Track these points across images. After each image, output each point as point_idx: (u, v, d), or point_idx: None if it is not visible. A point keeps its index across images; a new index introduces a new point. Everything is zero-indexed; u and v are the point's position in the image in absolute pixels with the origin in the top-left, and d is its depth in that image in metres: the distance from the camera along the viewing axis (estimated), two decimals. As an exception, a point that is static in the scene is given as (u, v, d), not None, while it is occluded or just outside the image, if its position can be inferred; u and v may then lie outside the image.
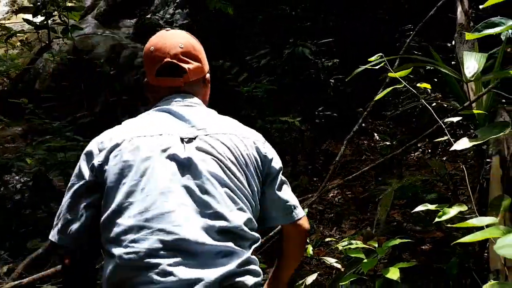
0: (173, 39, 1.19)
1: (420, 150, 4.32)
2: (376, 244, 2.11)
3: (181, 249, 0.96)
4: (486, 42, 2.97)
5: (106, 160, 1.06)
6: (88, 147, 1.12)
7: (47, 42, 3.45)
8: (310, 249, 2.20)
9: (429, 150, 4.26)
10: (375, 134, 5.01)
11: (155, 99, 1.23)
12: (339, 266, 2.15)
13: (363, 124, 5.30)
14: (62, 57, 6.26)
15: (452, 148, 1.69)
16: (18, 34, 3.77)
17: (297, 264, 1.42)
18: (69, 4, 3.34)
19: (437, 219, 1.61)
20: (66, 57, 5.59)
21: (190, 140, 1.07)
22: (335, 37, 4.29)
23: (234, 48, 9.04)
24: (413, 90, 1.95)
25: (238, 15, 9.82)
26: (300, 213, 1.25)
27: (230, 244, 1.01)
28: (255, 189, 1.13)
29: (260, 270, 1.08)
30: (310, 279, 2.18)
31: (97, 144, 1.10)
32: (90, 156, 1.09)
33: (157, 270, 0.93)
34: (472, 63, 2.15)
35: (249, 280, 1.02)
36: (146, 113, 1.19)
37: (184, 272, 0.93)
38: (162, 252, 0.95)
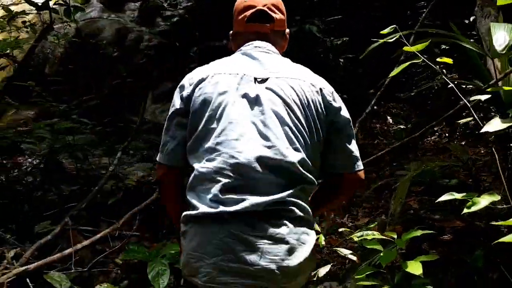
0: None
1: (437, 133, 4.09)
2: (395, 235, 1.94)
3: (239, 172, 1.12)
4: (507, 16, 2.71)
5: (192, 92, 1.24)
6: (182, 81, 1.30)
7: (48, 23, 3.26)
8: (322, 238, 2.04)
9: (447, 134, 4.03)
10: (388, 117, 4.77)
11: (240, 45, 1.34)
12: (354, 258, 1.99)
13: (375, 107, 5.06)
14: (67, 40, 6.09)
15: (483, 130, 1.49)
16: (20, 16, 3.57)
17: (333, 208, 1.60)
18: None
19: (466, 210, 1.43)
20: (70, 40, 5.41)
21: (263, 80, 1.20)
22: (344, 13, 4.02)
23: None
24: (433, 66, 1.75)
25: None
26: (361, 165, 1.34)
27: (281, 178, 1.14)
28: (316, 132, 1.21)
29: (308, 208, 1.19)
30: (323, 270, 2.02)
31: (188, 79, 1.28)
32: (182, 88, 1.28)
33: (216, 185, 1.12)
34: (501, 35, 1.91)
35: (294, 212, 1.13)
36: (231, 56, 1.33)
37: (235, 191, 1.11)
38: (224, 171, 1.13)
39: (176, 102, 1.28)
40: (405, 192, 2.26)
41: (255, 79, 1.20)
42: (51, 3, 3.07)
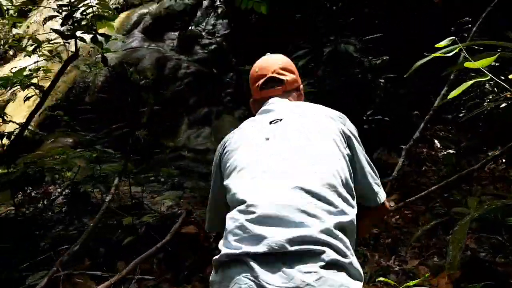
0: (273, 60, 1.42)
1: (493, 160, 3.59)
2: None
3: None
4: None
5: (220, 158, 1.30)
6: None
7: (75, 51, 3.18)
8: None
9: (503, 160, 3.53)
10: (436, 141, 4.30)
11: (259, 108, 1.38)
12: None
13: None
14: (108, 69, 6.14)
15: None
16: (50, 43, 3.55)
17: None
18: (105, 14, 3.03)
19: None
20: (101, 69, 5.42)
21: (277, 121, 1.21)
22: (383, 32, 3.70)
23: (273, 51, 8.61)
24: (503, 84, 1.39)
25: (274, 17, 9.46)
26: (383, 195, 1.29)
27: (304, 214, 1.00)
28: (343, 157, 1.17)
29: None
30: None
31: (218, 149, 1.34)
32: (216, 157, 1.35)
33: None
34: None
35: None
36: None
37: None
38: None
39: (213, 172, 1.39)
40: (464, 236, 1.85)
41: (270, 122, 1.23)
42: (79, 32, 2.97)
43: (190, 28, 10.23)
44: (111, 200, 2.81)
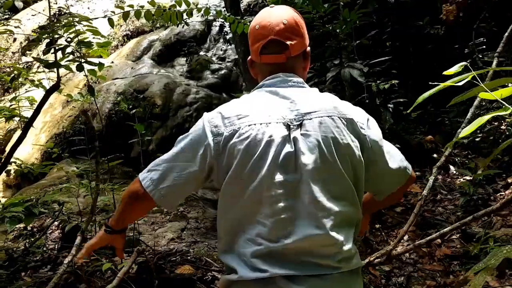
0: (277, 16, 1.19)
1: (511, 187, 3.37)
2: None
3: None
4: None
5: (225, 143, 1.14)
6: (208, 118, 1.23)
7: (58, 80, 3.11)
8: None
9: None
10: (451, 167, 4.10)
11: (260, 76, 1.27)
12: None
13: (435, 155, 4.42)
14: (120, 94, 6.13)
15: None
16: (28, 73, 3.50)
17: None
18: (97, 41, 2.99)
19: None
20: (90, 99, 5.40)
21: (296, 126, 1.10)
22: (391, 55, 3.57)
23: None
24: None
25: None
26: (410, 168, 1.29)
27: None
28: (354, 169, 1.15)
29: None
30: None
31: (221, 120, 1.18)
32: (212, 128, 1.20)
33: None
34: None
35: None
36: (256, 93, 1.22)
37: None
38: None
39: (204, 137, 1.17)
40: (484, 278, 1.66)
41: (288, 125, 1.11)
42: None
43: (200, 53, 10.35)
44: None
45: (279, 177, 1.07)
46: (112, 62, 9.97)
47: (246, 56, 5.83)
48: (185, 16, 2.93)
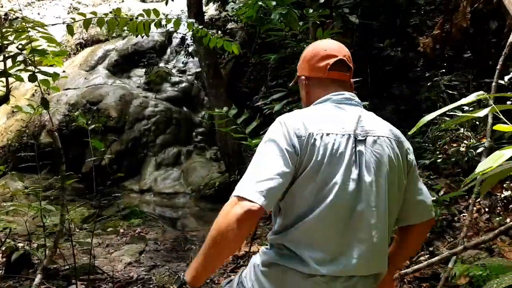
0: (342, 45, 1.38)
1: (475, 208, 3.52)
2: None
3: None
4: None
5: (302, 145, 1.19)
6: (283, 125, 1.22)
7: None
8: None
9: (486, 209, 3.46)
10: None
11: (318, 91, 1.34)
12: None
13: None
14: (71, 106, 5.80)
15: None
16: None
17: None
18: (52, 49, 2.79)
19: None
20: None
21: (361, 140, 1.21)
22: (363, 76, 3.63)
23: (246, 96, 8.57)
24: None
25: (247, 59, 9.53)
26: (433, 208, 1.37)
27: None
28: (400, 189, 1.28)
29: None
30: None
31: (293, 129, 1.21)
32: (287, 135, 1.23)
33: None
34: None
35: None
36: (324, 105, 1.30)
37: None
38: None
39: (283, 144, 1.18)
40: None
41: (356, 138, 1.21)
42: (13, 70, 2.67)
43: (159, 65, 10.12)
44: (51, 262, 2.43)
45: (345, 184, 1.16)
46: (64, 71, 9.50)
47: (211, 70, 5.67)
48: (153, 27, 2.81)
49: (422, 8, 6.43)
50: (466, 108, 4.55)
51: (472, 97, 0.94)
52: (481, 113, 0.89)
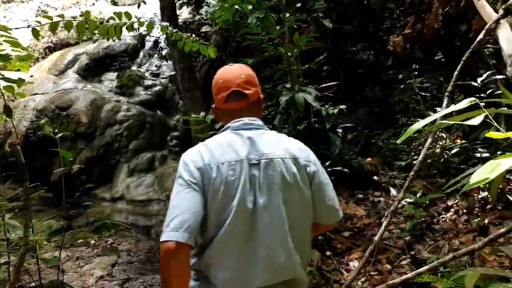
0: (237, 72, 1.46)
1: (453, 209, 3.51)
2: None
3: None
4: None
5: (201, 176, 1.29)
6: (184, 162, 1.34)
7: None
8: None
9: (464, 210, 3.46)
10: (391, 189, 4.19)
11: (224, 119, 1.46)
12: None
13: (375, 177, 4.52)
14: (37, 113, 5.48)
15: None
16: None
17: None
18: (17, 53, 2.58)
19: None
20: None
21: (255, 164, 1.30)
22: (338, 80, 3.58)
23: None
24: None
25: (223, 62, 9.39)
26: (341, 214, 1.47)
27: None
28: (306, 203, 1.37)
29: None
30: None
31: (192, 162, 1.32)
32: (187, 168, 1.33)
33: None
34: None
35: None
36: (224, 134, 1.41)
37: None
38: None
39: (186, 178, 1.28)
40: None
41: (249, 163, 1.29)
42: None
43: (132, 68, 9.81)
44: (17, 280, 2.22)
45: (243, 207, 1.24)
46: (32, 76, 9.06)
47: (185, 73, 5.50)
48: (124, 30, 2.64)
49: (394, 12, 6.49)
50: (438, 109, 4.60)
51: (464, 103, 0.86)
52: (475, 121, 0.80)
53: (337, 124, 3.27)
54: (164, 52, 8.68)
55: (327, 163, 3.29)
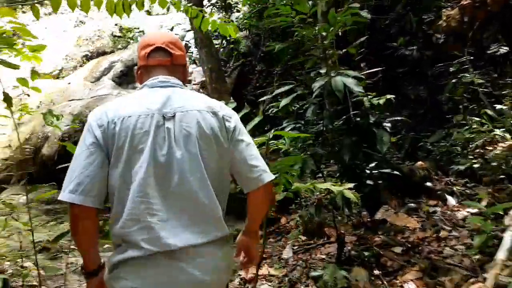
0: (164, 33, 1.58)
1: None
2: None
3: None
4: None
5: (104, 132, 1.24)
6: (88, 121, 1.28)
7: None
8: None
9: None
10: (449, 198, 3.53)
11: (145, 79, 1.38)
12: None
13: (429, 183, 3.86)
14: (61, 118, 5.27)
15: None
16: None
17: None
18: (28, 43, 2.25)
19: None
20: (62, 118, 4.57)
21: (170, 118, 1.25)
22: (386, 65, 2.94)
23: (253, 104, 7.99)
24: None
25: (253, 67, 8.98)
26: (267, 177, 1.36)
27: None
28: (221, 155, 1.31)
29: None
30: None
31: (96, 120, 1.25)
32: (90, 129, 1.27)
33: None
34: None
35: None
36: (139, 91, 1.35)
37: None
38: None
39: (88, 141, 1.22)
40: None
41: (163, 116, 1.25)
42: None
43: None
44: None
45: (155, 160, 1.19)
46: (69, 83, 9.10)
47: (213, 73, 5.01)
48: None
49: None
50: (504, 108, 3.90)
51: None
52: None
53: (383, 118, 2.68)
54: (194, 57, 8.41)
55: (372, 165, 2.72)
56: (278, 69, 8.14)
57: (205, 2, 6.82)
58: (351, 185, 1.61)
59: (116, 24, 10.39)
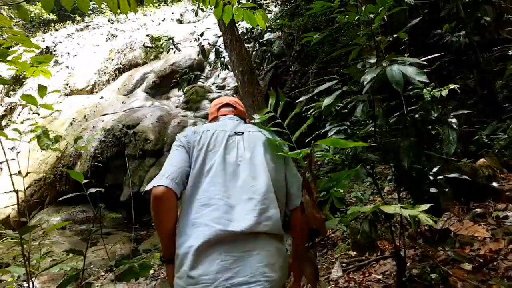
0: (230, 97, 1.90)
1: None
2: None
3: None
4: None
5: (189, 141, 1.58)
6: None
7: None
8: None
9: None
10: (524, 200, 2.98)
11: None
12: None
13: (495, 184, 3.30)
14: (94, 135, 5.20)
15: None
16: None
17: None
18: (30, 55, 2.00)
19: None
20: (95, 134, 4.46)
21: (240, 134, 1.61)
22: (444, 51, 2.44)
23: (288, 106, 7.60)
24: None
25: (287, 67, 8.59)
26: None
27: None
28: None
29: None
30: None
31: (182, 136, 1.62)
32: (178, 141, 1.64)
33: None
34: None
35: None
36: (214, 122, 1.77)
37: None
38: None
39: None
40: None
41: (234, 132, 1.60)
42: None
43: (197, 83, 9.46)
44: None
45: (224, 160, 1.49)
46: (102, 97, 9.09)
47: (245, 77, 4.62)
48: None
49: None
50: None
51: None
52: None
53: (447, 112, 2.21)
54: (226, 60, 8.13)
55: (435, 169, 2.25)
56: (313, 68, 7.72)
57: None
58: (426, 206, 1.20)
59: (147, 35, 10.36)
